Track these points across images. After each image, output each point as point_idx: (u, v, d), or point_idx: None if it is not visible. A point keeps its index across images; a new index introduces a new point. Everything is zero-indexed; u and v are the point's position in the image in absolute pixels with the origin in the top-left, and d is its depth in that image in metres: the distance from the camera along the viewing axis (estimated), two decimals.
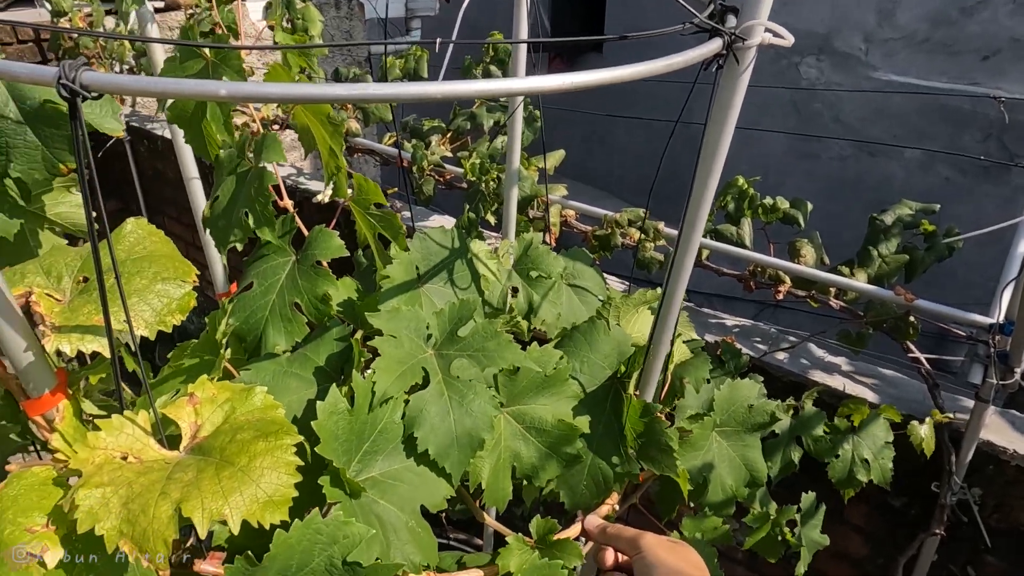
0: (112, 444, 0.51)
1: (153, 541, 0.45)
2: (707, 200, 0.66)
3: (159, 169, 3.32)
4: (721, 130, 0.64)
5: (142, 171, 3.30)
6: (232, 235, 0.73)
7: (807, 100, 4.97)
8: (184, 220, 3.32)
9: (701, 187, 0.63)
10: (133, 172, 3.18)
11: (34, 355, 0.56)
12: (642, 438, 0.73)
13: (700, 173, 0.64)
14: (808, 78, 4.94)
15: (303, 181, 2.56)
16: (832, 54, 4.84)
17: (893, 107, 4.65)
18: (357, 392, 0.59)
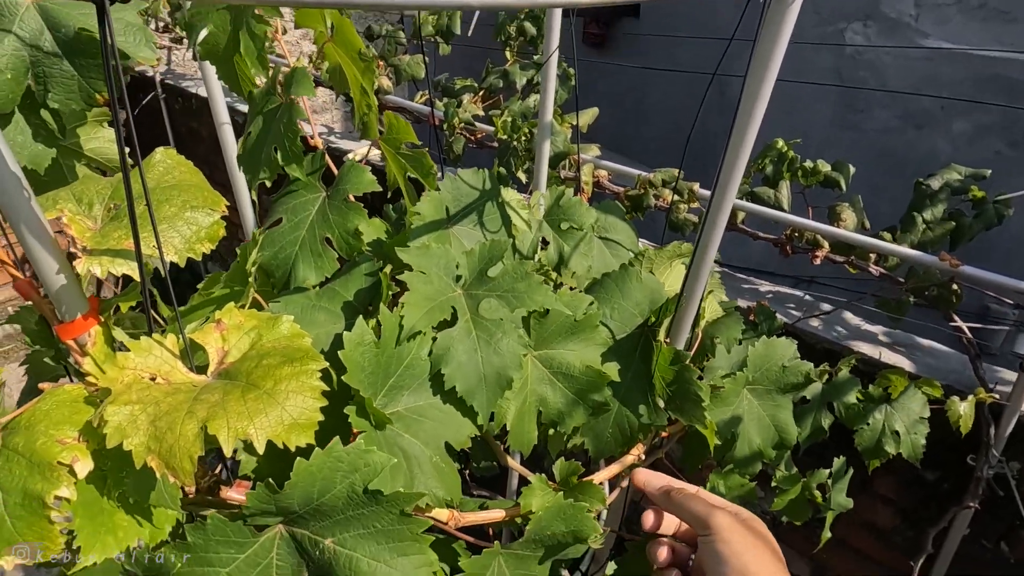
0: (141, 365, 0.51)
1: (180, 458, 0.45)
2: (749, 140, 0.63)
3: (194, 128, 3.34)
4: (766, 64, 0.61)
5: (176, 129, 3.33)
6: (261, 172, 0.72)
7: (852, 67, 4.79)
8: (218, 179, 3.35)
9: (744, 120, 0.60)
10: (168, 130, 3.21)
11: (66, 278, 0.56)
12: (671, 387, 0.71)
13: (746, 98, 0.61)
14: (854, 44, 4.75)
15: (334, 140, 2.56)
16: (880, 20, 4.65)
17: (943, 76, 4.45)
18: (384, 325, 0.58)
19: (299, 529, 0.52)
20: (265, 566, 0.52)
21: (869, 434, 1.06)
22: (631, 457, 0.78)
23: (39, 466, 0.47)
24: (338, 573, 0.51)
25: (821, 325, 1.53)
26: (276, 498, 0.49)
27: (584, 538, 0.60)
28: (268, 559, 0.52)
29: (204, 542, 0.49)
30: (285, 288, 0.69)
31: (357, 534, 0.51)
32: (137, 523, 0.51)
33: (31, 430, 0.48)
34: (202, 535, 0.49)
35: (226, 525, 0.49)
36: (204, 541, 0.49)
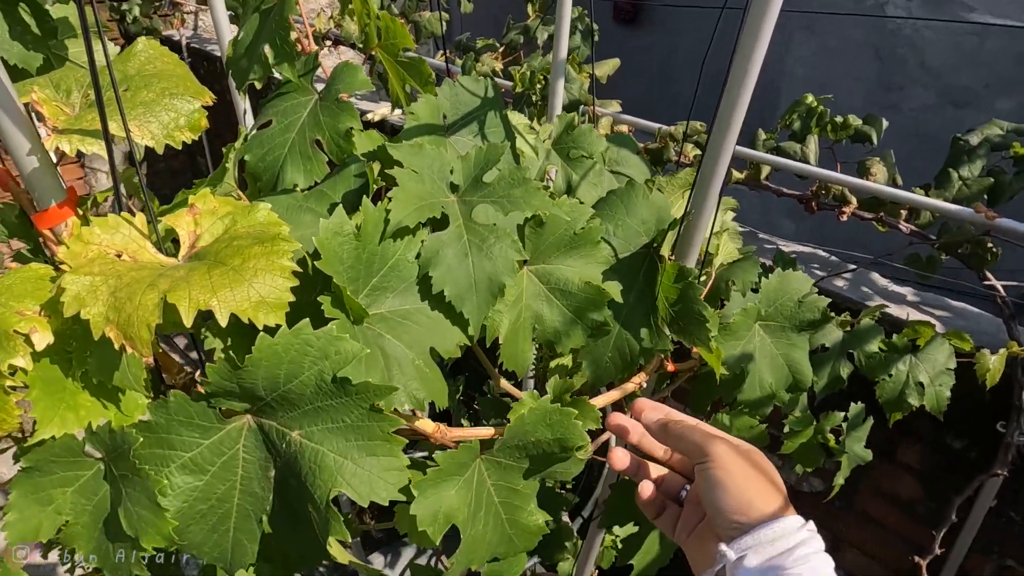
0: (107, 241, 0.49)
1: (137, 327, 0.43)
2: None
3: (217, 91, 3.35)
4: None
5: None
6: (251, 72, 0.70)
7: (890, 45, 4.62)
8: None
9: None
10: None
11: (39, 160, 0.54)
12: (675, 307, 0.67)
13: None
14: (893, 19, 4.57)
15: (355, 100, 2.53)
16: None
17: (986, 53, 4.27)
18: (366, 219, 0.55)
19: (267, 420, 0.49)
20: (231, 456, 0.49)
21: (891, 386, 1.00)
22: (632, 385, 0.74)
23: None
24: (303, 468, 0.48)
25: (846, 285, 1.47)
26: (238, 375, 0.46)
27: (570, 447, 0.57)
28: (234, 450, 0.49)
29: (166, 422, 0.47)
30: (272, 192, 0.66)
31: (325, 428, 0.48)
32: (103, 407, 0.49)
33: None
34: (164, 414, 0.46)
35: (189, 405, 0.47)
36: (166, 421, 0.47)
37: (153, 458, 0.46)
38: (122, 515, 0.46)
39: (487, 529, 0.57)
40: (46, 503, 0.47)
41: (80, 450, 0.47)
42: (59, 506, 0.48)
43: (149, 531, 0.45)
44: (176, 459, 0.47)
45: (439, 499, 0.54)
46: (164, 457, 0.47)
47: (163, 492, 0.45)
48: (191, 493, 0.48)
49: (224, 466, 0.49)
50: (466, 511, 0.55)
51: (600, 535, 1.15)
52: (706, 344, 0.67)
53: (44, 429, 0.45)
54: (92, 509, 0.48)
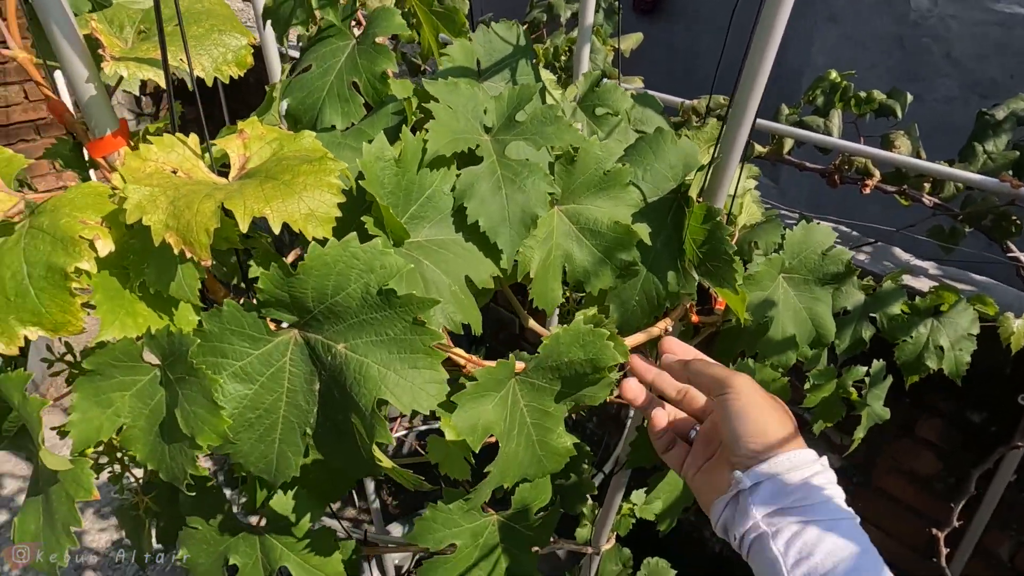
0: (163, 159, 0.51)
1: (196, 231, 0.45)
2: None
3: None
4: None
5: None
6: (295, 18, 0.72)
7: (914, 34, 4.57)
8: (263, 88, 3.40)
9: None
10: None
11: (96, 89, 0.57)
12: (702, 248, 0.69)
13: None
14: (918, 9, 4.53)
15: None
16: None
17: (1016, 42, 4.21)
18: (406, 147, 0.57)
19: (313, 334, 0.52)
20: (279, 368, 0.52)
21: (911, 347, 1.01)
22: (657, 330, 0.75)
23: (62, 241, 0.47)
24: (348, 379, 0.50)
25: (868, 258, 1.47)
26: (289, 284, 0.48)
27: (601, 368, 0.59)
28: (281, 362, 0.52)
29: (219, 331, 0.49)
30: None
31: (369, 340, 0.50)
32: (159, 317, 0.52)
33: (56, 212, 0.49)
34: (217, 322, 0.49)
35: (241, 315, 0.49)
36: (219, 330, 0.49)
37: (207, 365, 0.49)
38: (179, 415, 0.48)
39: (519, 448, 0.59)
40: (106, 405, 0.50)
41: (138, 355, 0.50)
42: (118, 409, 0.50)
43: (205, 429, 0.47)
44: (228, 367, 0.49)
45: (478, 412, 0.56)
46: (217, 364, 0.49)
47: (216, 396, 0.48)
48: (241, 401, 0.51)
49: (272, 377, 0.52)
50: (502, 426, 0.57)
51: (618, 499, 1.17)
52: (732, 285, 0.68)
53: (106, 331, 0.48)
54: (148, 413, 0.51)
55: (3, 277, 0.47)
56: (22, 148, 3.37)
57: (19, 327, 0.47)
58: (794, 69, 4.62)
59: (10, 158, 0.52)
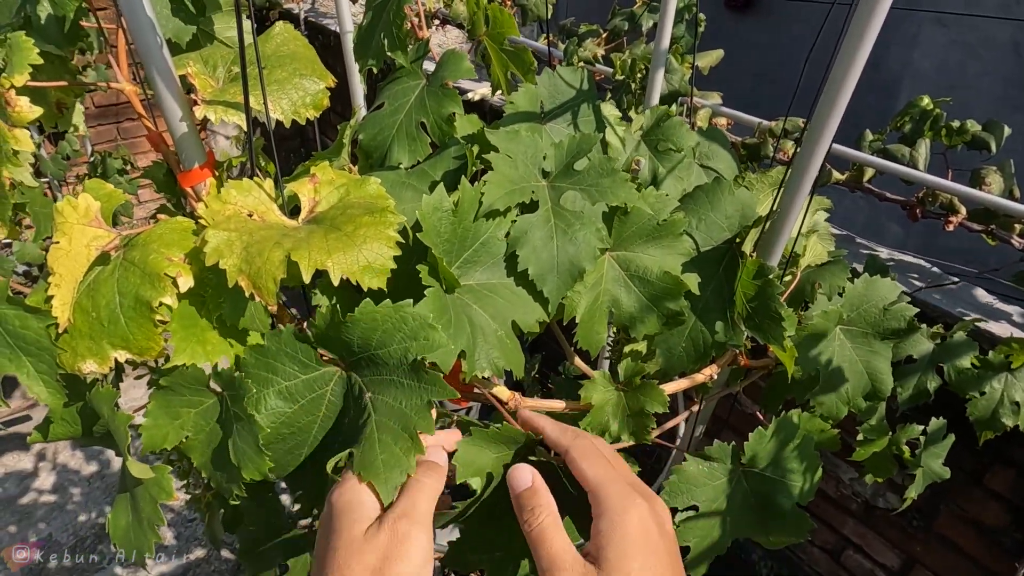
0: (240, 202, 0.56)
1: (265, 279, 0.50)
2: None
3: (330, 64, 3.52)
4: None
5: None
6: (370, 59, 0.76)
7: None
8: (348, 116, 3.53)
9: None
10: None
11: (187, 126, 0.62)
12: (752, 303, 0.69)
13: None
14: None
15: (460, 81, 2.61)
16: None
17: None
18: (463, 197, 0.60)
19: (355, 374, 0.55)
20: (319, 395, 0.56)
21: (984, 403, 0.97)
22: (702, 377, 0.76)
23: (149, 276, 0.53)
24: (363, 429, 0.53)
25: (945, 298, 1.40)
26: (337, 328, 0.52)
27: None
28: (323, 390, 0.56)
29: (275, 350, 0.54)
30: (380, 168, 0.73)
31: (389, 401, 0.52)
32: (229, 345, 0.57)
33: (146, 247, 0.54)
34: (276, 342, 0.53)
35: (296, 341, 0.53)
36: (276, 349, 0.54)
37: (259, 378, 0.53)
38: (230, 446, 0.53)
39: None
40: (175, 417, 0.56)
41: (206, 382, 0.55)
42: (183, 422, 0.56)
43: (249, 465, 0.52)
44: (275, 384, 0.54)
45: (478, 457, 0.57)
46: (267, 380, 0.54)
47: (258, 410, 0.52)
48: (279, 417, 0.55)
49: (312, 401, 0.56)
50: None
51: None
52: (779, 342, 0.68)
53: (178, 357, 0.53)
54: (208, 431, 0.56)
55: (99, 305, 0.53)
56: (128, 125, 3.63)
57: (111, 350, 0.53)
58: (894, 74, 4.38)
59: (110, 193, 0.58)
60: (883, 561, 1.71)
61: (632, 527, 0.46)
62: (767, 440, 0.72)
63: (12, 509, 2.57)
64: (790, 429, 0.72)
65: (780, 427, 0.72)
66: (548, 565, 0.46)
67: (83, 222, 0.54)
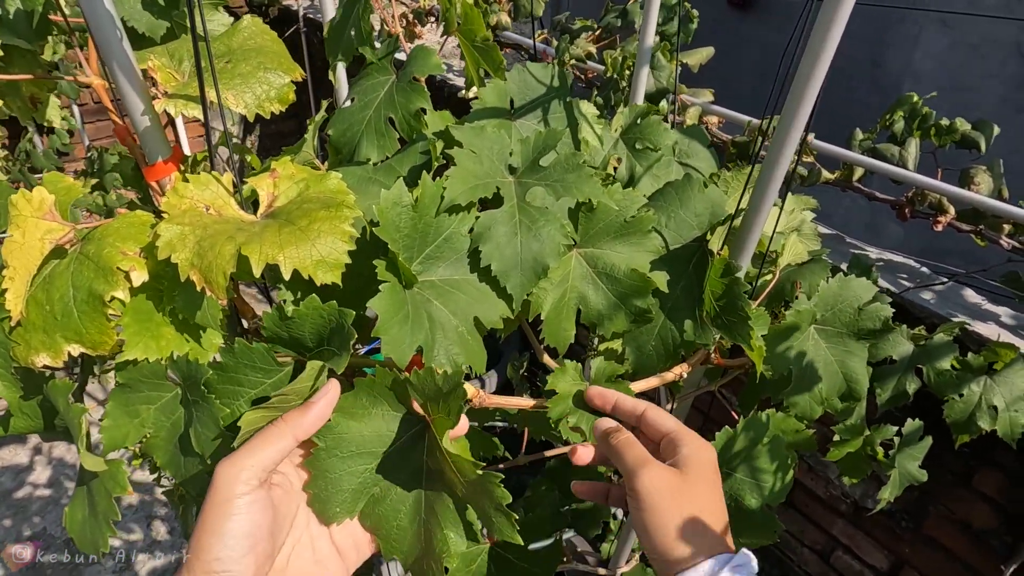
0: (198, 196, 0.56)
1: (215, 273, 0.49)
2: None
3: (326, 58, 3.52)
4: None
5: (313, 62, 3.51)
6: (339, 54, 0.75)
7: None
8: None
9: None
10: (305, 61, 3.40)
11: (150, 121, 0.62)
12: (720, 301, 0.68)
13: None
14: None
15: (452, 77, 2.60)
16: None
17: None
18: (424, 191, 0.60)
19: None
20: None
21: (961, 406, 0.96)
22: (672, 375, 0.76)
23: (103, 270, 0.53)
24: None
25: (934, 299, 1.39)
26: (287, 325, 0.52)
27: None
28: None
29: (234, 364, 0.54)
30: (349, 164, 0.72)
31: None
32: (184, 340, 0.56)
33: (102, 241, 0.54)
34: (231, 357, 0.53)
35: (251, 351, 0.53)
36: (234, 363, 0.54)
37: (227, 392, 0.53)
38: (192, 435, 0.53)
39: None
40: (134, 416, 0.56)
41: (163, 375, 0.55)
42: (143, 420, 0.56)
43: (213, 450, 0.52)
44: (244, 395, 0.54)
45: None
46: (235, 392, 0.54)
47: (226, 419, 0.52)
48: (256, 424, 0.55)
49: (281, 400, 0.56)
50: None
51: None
52: (747, 341, 0.68)
53: (129, 352, 0.53)
54: (169, 426, 0.56)
55: (52, 299, 0.53)
56: None
57: (64, 344, 0.53)
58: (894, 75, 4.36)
59: (68, 187, 0.58)
60: (872, 562, 1.70)
61: (708, 458, 0.56)
62: (735, 439, 0.72)
63: (8, 503, 2.58)
64: (759, 428, 0.72)
65: (748, 426, 0.71)
66: (634, 463, 0.54)
67: (37, 215, 0.54)
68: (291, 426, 0.49)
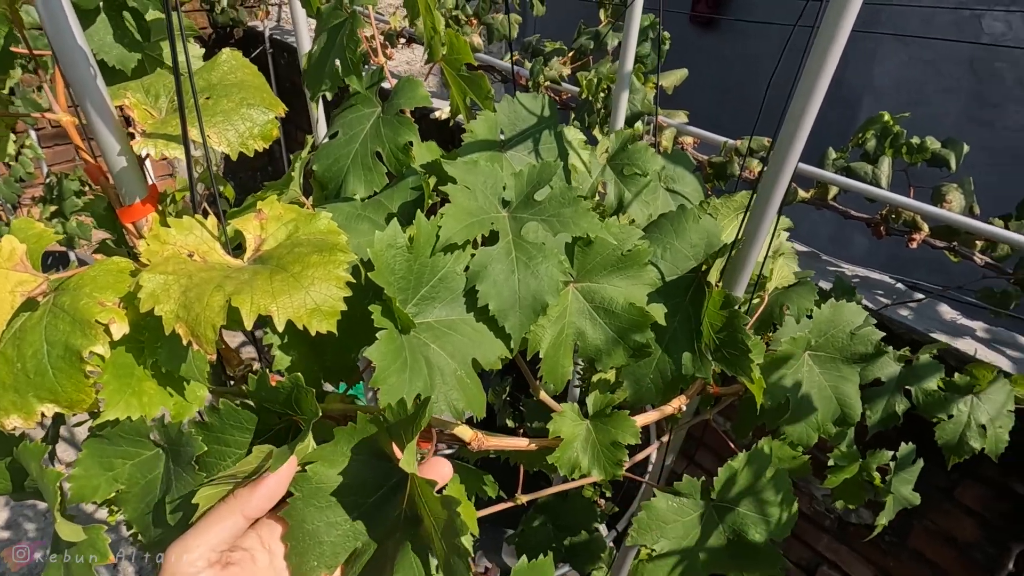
0: (181, 242, 0.53)
1: (204, 326, 0.47)
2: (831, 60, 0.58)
3: (295, 83, 3.48)
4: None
5: (281, 84, 3.47)
6: (323, 84, 0.73)
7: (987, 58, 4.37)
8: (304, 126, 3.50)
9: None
10: (272, 82, 3.35)
11: (127, 161, 0.59)
12: (719, 334, 0.67)
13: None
14: (992, 32, 4.33)
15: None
16: None
17: None
18: (419, 232, 0.58)
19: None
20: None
21: (952, 427, 0.96)
22: (671, 408, 0.74)
23: (80, 323, 0.49)
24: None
25: (911, 315, 1.41)
26: (273, 391, 0.50)
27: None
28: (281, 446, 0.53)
29: (220, 424, 0.51)
30: (336, 199, 0.70)
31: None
32: (168, 394, 0.53)
33: (78, 291, 0.51)
34: (217, 418, 0.50)
35: (238, 412, 0.50)
36: (220, 423, 0.51)
37: (212, 452, 0.50)
38: (167, 505, 0.50)
39: None
40: (107, 469, 0.52)
41: (146, 433, 0.52)
42: (117, 474, 0.52)
43: None
44: (231, 455, 0.51)
45: None
46: (221, 452, 0.50)
47: None
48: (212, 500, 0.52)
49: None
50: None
51: (630, 556, 1.15)
52: (748, 374, 0.67)
53: (110, 411, 0.50)
54: (144, 484, 0.52)
55: (24, 355, 0.49)
56: None
57: (37, 404, 0.49)
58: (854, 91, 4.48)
59: (40, 233, 0.55)
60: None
61: None
62: (738, 472, 0.70)
63: (8, 503, 2.50)
64: (762, 460, 0.71)
65: (752, 459, 0.70)
66: None
67: (7, 266, 0.50)
68: (240, 503, 0.46)
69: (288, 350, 0.62)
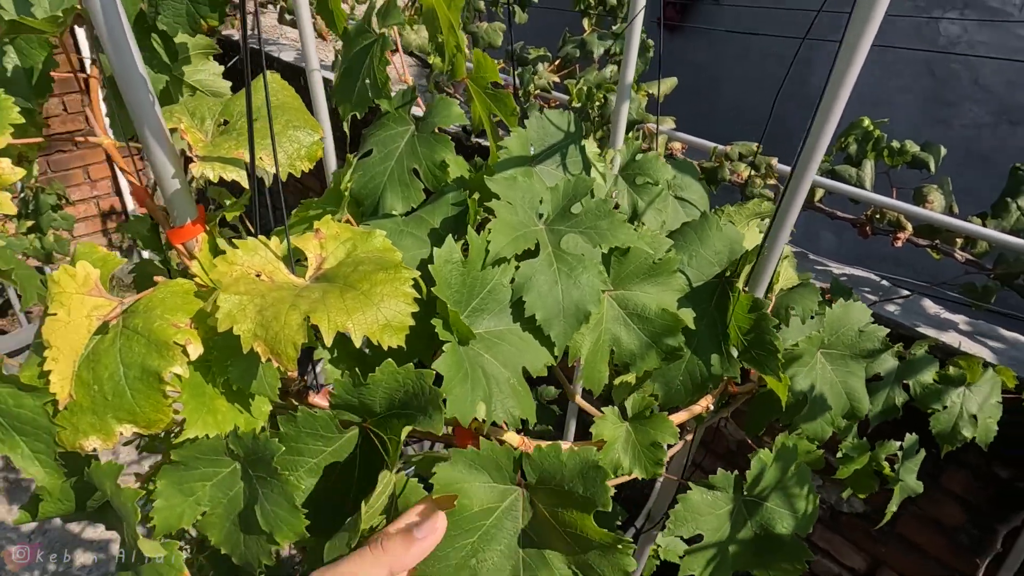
0: (247, 262, 0.55)
1: (284, 344, 0.48)
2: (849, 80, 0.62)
3: None
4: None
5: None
6: (353, 104, 0.75)
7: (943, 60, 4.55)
8: None
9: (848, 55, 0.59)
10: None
11: (180, 183, 0.60)
12: (748, 336, 0.71)
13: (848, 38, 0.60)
14: (948, 35, 4.51)
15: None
16: (979, 8, 4.39)
17: None
18: (472, 246, 0.60)
19: (380, 431, 0.54)
20: (349, 459, 0.55)
21: (945, 418, 1.02)
22: (699, 408, 0.78)
23: (156, 345, 0.50)
24: (401, 483, 0.53)
25: (898, 311, 1.48)
26: (359, 392, 0.51)
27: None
28: (352, 454, 0.55)
29: (295, 433, 0.52)
30: (373, 216, 0.72)
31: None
32: (237, 410, 0.55)
33: (149, 314, 0.52)
34: (293, 426, 0.52)
35: (314, 419, 0.52)
36: (295, 432, 0.52)
37: (285, 463, 0.52)
38: (258, 512, 0.51)
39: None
40: (188, 494, 0.53)
41: (222, 450, 0.53)
42: (199, 498, 0.53)
43: (284, 528, 0.50)
44: (304, 464, 0.53)
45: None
46: (294, 462, 0.52)
47: (297, 491, 0.51)
48: (316, 494, 0.54)
49: (344, 468, 0.55)
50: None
51: (648, 546, 1.19)
52: (776, 373, 0.70)
53: (190, 430, 0.51)
54: (227, 503, 0.54)
55: (101, 378, 0.50)
56: (59, 157, 3.46)
57: (116, 425, 0.50)
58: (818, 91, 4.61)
59: (104, 257, 0.56)
60: (850, 564, 1.77)
61: None
62: (768, 467, 0.74)
63: (8, 502, 2.44)
64: (788, 456, 0.75)
65: (780, 454, 0.74)
66: None
67: (82, 291, 0.51)
68: (390, 558, 0.45)
69: (338, 364, 0.64)
